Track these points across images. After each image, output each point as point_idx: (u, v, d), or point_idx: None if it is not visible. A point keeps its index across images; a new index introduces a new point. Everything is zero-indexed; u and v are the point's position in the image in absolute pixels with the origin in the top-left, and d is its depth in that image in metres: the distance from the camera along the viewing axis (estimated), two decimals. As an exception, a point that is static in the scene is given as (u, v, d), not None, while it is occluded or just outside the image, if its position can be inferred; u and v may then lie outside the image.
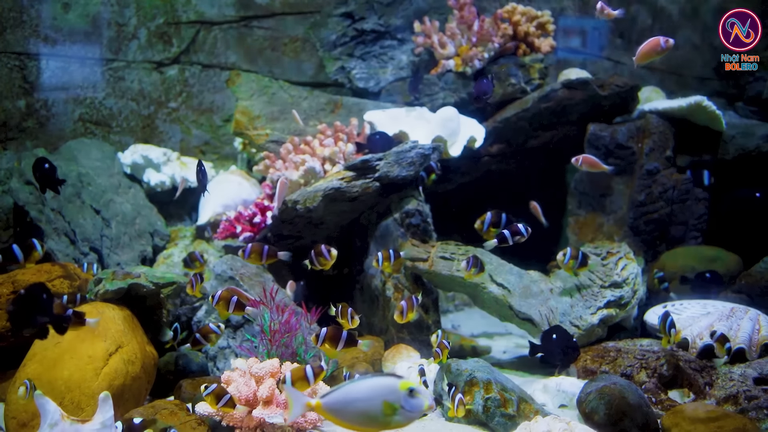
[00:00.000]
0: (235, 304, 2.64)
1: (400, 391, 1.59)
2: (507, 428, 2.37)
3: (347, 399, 1.62)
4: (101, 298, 2.97)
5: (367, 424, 1.62)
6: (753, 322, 2.91)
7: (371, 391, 1.60)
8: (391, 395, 1.59)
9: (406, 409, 1.58)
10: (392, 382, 1.60)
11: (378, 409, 1.59)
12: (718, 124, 4.04)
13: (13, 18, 4.34)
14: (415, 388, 1.59)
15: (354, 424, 1.64)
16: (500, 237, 2.88)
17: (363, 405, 1.60)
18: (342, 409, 1.62)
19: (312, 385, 2.27)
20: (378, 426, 1.62)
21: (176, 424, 2.29)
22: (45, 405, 2.02)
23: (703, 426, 2.26)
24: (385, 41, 4.67)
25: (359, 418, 1.62)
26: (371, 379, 1.63)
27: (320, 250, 2.84)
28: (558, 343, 2.77)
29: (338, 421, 1.64)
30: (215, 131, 4.75)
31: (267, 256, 2.83)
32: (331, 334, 2.37)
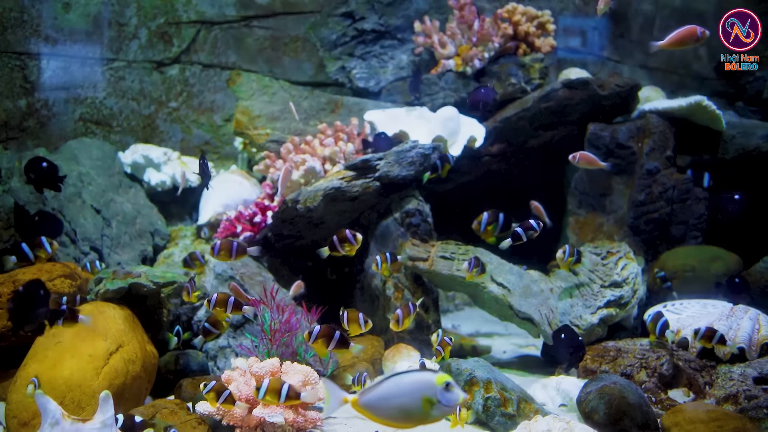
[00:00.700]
0: (233, 305, 2.63)
1: (437, 386, 1.59)
2: (507, 428, 2.37)
3: (385, 396, 1.63)
4: (102, 297, 2.97)
5: (405, 419, 1.64)
6: (753, 322, 2.91)
7: (410, 387, 1.62)
8: (429, 390, 1.60)
9: (442, 403, 1.59)
10: (430, 377, 1.61)
11: (417, 404, 1.60)
12: (718, 124, 4.04)
13: (14, 18, 4.34)
14: (450, 381, 1.60)
15: (391, 420, 1.65)
16: (514, 235, 2.83)
17: (401, 401, 1.62)
18: (380, 406, 1.64)
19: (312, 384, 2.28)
20: (415, 421, 1.64)
21: (176, 423, 2.29)
22: (46, 404, 2.02)
23: (703, 425, 2.26)
24: (385, 41, 4.67)
25: (397, 414, 1.63)
26: (409, 375, 1.64)
27: (345, 235, 2.72)
28: (567, 342, 2.75)
29: (374, 417, 1.65)
30: (216, 131, 4.75)
31: (236, 252, 2.77)
32: (324, 333, 2.34)
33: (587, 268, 3.31)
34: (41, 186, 3.04)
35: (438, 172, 3.48)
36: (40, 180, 3.01)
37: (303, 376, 2.45)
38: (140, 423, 2.20)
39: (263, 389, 2.20)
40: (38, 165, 3.01)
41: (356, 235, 2.71)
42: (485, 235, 2.82)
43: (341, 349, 2.34)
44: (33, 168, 3.02)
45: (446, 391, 1.60)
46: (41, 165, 3.00)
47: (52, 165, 3.07)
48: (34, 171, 3.00)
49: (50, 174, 3.02)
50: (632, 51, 5.24)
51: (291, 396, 2.21)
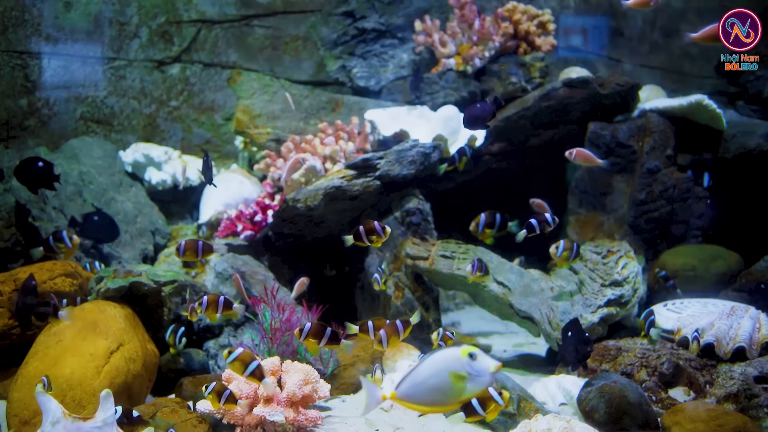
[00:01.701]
0: (223, 305, 2.62)
1: (462, 359, 1.57)
2: (507, 427, 2.37)
3: (416, 382, 1.60)
4: (103, 296, 2.98)
5: (442, 400, 1.61)
6: (753, 321, 2.91)
7: (435, 367, 1.59)
8: (455, 364, 1.57)
9: (473, 375, 1.57)
10: (453, 352, 1.59)
11: (446, 382, 1.57)
12: (718, 123, 4.04)
13: (15, 17, 4.34)
14: (474, 351, 1.58)
15: (431, 405, 1.63)
16: (529, 226, 2.80)
17: (432, 383, 1.59)
18: (415, 393, 1.61)
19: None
20: (453, 399, 1.61)
21: (177, 422, 2.29)
22: (47, 403, 2.02)
23: (703, 424, 2.26)
24: (385, 40, 4.67)
25: (433, 396, 1.60)
26: (431, 356, 1.62)
27: (373, 227, 2.54)
28: (575, 339, 2.71)
29: (416, 406, 1.63)
30: (216, 130, 4.75)
31: (202, 252, 2.75)
32: (315, 330, 2.30)
33: (588, 267, 3.31)
34: (36, 186, 3.04)
35: (455, 164, 3.45)
36: (35, 180, 3.00)
37: (303, 374, 2.45)
38: (137, 418, 2.22)
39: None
40: (33, 165, 3.00)
41: (385, 227, 2.56)
42: (483, 236, 2.81)
43: (332, 345, 2.32)
44: (26, 168, 3.01)
45: (473, 360, 1.57)
46: (36, 165, 2.99)
47: (47, 164, 3.06)
48: (29, 171, 2.99)
49: (45, 173, 3.01)
50: (633, 50, 5.24)
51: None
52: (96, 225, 3.55)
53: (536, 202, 3.57)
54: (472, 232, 2.81)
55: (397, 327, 2.28)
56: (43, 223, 3.69)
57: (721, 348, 2.86)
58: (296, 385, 2.37)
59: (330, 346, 2.32)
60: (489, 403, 2.10)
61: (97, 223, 3.55)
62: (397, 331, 2.27)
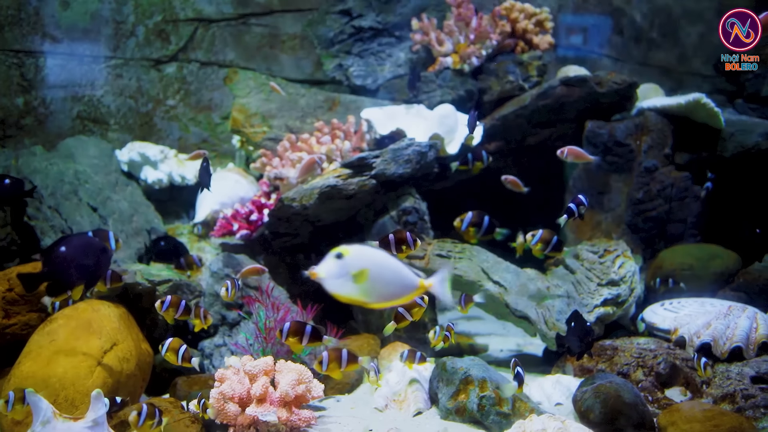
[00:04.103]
0: (183, 309, 2.61)
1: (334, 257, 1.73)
2: (502, 427, 2.36)
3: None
4: (97, 295, 2.97)
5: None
6: (750, 321, 2.89)
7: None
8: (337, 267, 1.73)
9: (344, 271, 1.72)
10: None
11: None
12: (716, 122, 4.02)
13: (11, 15, 4.33)
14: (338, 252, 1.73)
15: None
16: (568, 210, 2.76)
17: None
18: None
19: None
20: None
21: (170, 422, 2.28)
22: (37, 403, 2.01)
23: (699, 425, 2.25)
24: (383, 38, 4.65)
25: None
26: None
27: (404, 237, 2.40)
28: (577, 330, 2.68)
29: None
30: (213, 129, 4.74)
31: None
32: (294, 329, 2.28)
33: (584, 266, 3.30)
34: (2, 204, 2.93)
35: (469, 165, 3.43)
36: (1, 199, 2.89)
37: (297, 374, 2.44)
38: (120, 402, 2.28)
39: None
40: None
41: (416, 239, 2.41)
42: (467, 235, 2.79)
43: (315, 343, 2.30)
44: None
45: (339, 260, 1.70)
46: (2, 183, 2.85)
47: (15, 181, 2.91)
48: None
49: (13, 191, 2.88)
50: (631, 48, 5.22)
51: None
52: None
53: (509, 179, 3.52)
54: (456, 228, 2.79)
55: (340, 354, 2.29)
56: (39, 222, 3.68)
57: (717, 348, 2.85)
58: (289, 384, 2.36)
59: (312, 344, 2.29)
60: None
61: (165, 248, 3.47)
62: (339, 359, 2.28)
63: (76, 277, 2.28)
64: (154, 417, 2.16)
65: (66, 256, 2.24)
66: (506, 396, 2.40)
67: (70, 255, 2.25)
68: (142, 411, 2.13)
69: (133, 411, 2.13)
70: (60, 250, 2.23)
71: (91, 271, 2.33)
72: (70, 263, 2.26)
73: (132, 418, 2.11)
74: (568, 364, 2.99)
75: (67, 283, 2.27)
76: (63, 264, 2.24)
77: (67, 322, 2.64)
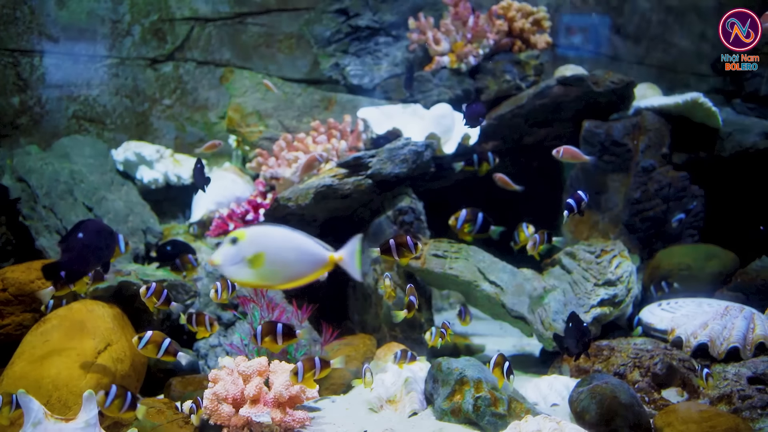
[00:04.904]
0: (164, 299, 2.57)
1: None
2: (497, 428, 2.35)
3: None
4: (91, 295, 2.96)
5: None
6: (747, 321, 2.88)
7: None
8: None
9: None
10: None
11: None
12: (714, 121, 4.01)
13: (6, 15, 4.31)
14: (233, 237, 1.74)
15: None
16: (568, 206, 2.73)
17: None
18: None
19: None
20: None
21: (163, 423, 2.27)
22: (28, 404, 2.00)
23: (695, 426, 2.24)
24: (379, 38, 4.64)
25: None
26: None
27: (405, 241, 2.37)
28: (574, 330, 2.67)
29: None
30: (210, 128, 4.72)
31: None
32: (267, 330, 2.25)
33: (581, 266, 3.28)
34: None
35: (474, 166, 3.40)
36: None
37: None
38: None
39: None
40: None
41: (417, 243, 2.40)
42: (461, 232, 2.78)
43: (290, 341, 2.28)
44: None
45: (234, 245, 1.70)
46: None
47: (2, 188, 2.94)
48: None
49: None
50: (629, 48, 5.21)
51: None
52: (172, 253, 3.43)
53: (498, 176, 3.50)
54: (451, 227, 2.78)
55: (314, 363, 2.27)
56: (33, 222, 3.67)
57: (714, 348, 2.84)
58: (283, 385, 2.35)
59: (288, 342, 2.27)
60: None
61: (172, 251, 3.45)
62: (313, 368, 2.26)
63: (92, 263, 2.39)
64: (124, 398, 2.05)
65: (84, 242, 2.31)
66: (505, 395, 2.39)
67: (88, 241, 2.32)
68: (110, 391, 2.04)
69: (100, 391, 2.05)
70: (78, 237, 2.29)
71: (105, 255, 2.43)
72: (88, 249, 2.34)
73: (99, 398, 2.03)
74: (565, 365, 2.98)
75: (86, 268, 2.36)
76: (82, 250, 2.31)
77: (61, 323, 2.63)
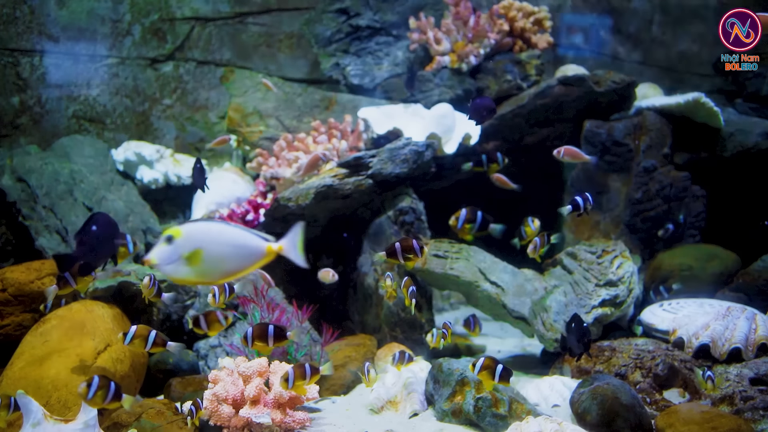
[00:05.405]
0: (157, 289, 2.57)
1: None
2: (498, 428, 2.34)
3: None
4: (91, 296, 2.95)
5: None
6: (749, 322, 2.87)
7: None
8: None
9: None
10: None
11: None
12: (716, 121, 4.00)
13: (6, 14, 4.31)
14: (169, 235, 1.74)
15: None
16: (573, 203, 2.75)
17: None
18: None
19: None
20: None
21: (163, 424, 2.26)
22: (28, 404, 1.99)
23: (697, 427, 2.23)
24: (380, 37, 4.63)
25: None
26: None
27: (411, 245, 2.40)
28: (576, 331, 2.66)
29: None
30: (210, 128, 4.71)
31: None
32: (258, 333, 2.24)
33: (582, 267, 3.27)
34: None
35: (484, 167, 3.38)
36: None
37: (291, 376, 2.41)
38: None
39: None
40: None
41: (423, 247, 2.44)
42: (462, 232, 2.77)
43: (280, 343, 2.27)
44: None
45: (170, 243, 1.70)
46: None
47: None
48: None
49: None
50: (630, 48, 5.20)
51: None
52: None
53: (496, 176, 3.49)
54: (451, 227, 2.77)
55: (305, 370, 2.26)
56: (33, 222, 3.66)
57: (716, 349, 2.83)
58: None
59: (278, 343, 2.26)
60: None
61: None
62: (303, 375, 2.25)
63: (104, 255, 2.48)
64: (107, 389, 1.98)
65: (97, 234, 2.39)
66: (506, 396, 2.38)
67: (100, 233, 2.39)
68: (92, 383, 1.97)
69: (82, 383, 1.99)
70: (92, 230, 2.36)
71: (113, 247, 2.50)
72: (100, 241, 2.42)
73: (81, 390, 1.96)
74: (566, 366, 2.97)
75: (99, 260, 2.45)
76: (95, 242, 2.40)
77: (60, 323, 2.63)
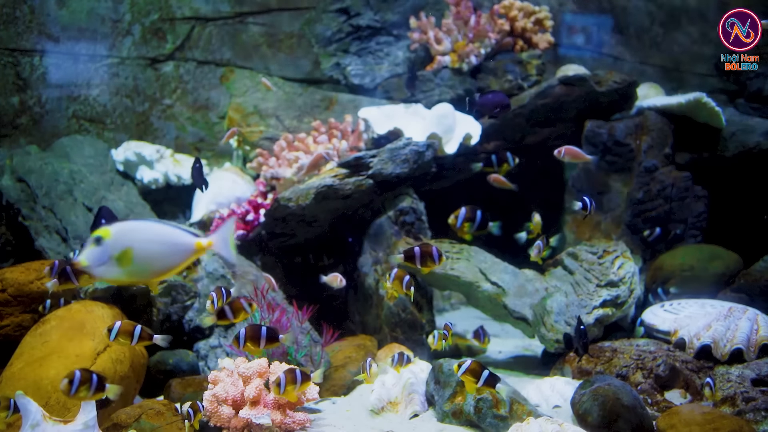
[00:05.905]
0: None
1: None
2: (499, 429, 2.33)
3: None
4: (91, 296, 2.95)
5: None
6: (751, 322, 2.86)
7: None
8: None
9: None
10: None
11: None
12: (717, 121, 3.99)
13: (6, 14, 4.30)
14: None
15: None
16: (583, 202, 2.75)
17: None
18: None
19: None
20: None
21: (162, 425, 2.25)
22: (27, 405, 1.98)
23: (698, 428, 2.22)
24: (380, 37, 4.62)
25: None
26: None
27: (430, 251, 2.40)
28: (576, 332, 2.68)
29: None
30: (210, 128, 4.71)
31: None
32: (250, 334, 2.23)
33: (583, 267, 3.26)
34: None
35: (494, 167, 3.38)
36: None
37: (291, 376, 2.40)
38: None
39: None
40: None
41: (442, 254, 2.43)
42: (461, 231, 2.76)
43: (272, 344, 2.26)
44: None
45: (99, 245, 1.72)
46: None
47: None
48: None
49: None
50: (632, 48, 5.18)
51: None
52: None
53: (493, 176, 3.49)
54: (451, 226, 2.76)
55: (296, 375, 2.24)
56: (33, 222, 3.66)
57: (718, 350, 2.82)
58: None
59: (270, 345, 2.24)
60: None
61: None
62: (294, 381, 2.22)
63: None
64: (90, 382, 1.95)
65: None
66: (506, 397, 2.37)
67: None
68: (74, 378, 1.92)
69: (63, 379, 1.94)
70: (102, 224, 2.42)
71: None
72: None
73: (63, 387, 1.93)
74: (567, 366, 2.96)
75: None
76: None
77: (60, 324, 2.62)
